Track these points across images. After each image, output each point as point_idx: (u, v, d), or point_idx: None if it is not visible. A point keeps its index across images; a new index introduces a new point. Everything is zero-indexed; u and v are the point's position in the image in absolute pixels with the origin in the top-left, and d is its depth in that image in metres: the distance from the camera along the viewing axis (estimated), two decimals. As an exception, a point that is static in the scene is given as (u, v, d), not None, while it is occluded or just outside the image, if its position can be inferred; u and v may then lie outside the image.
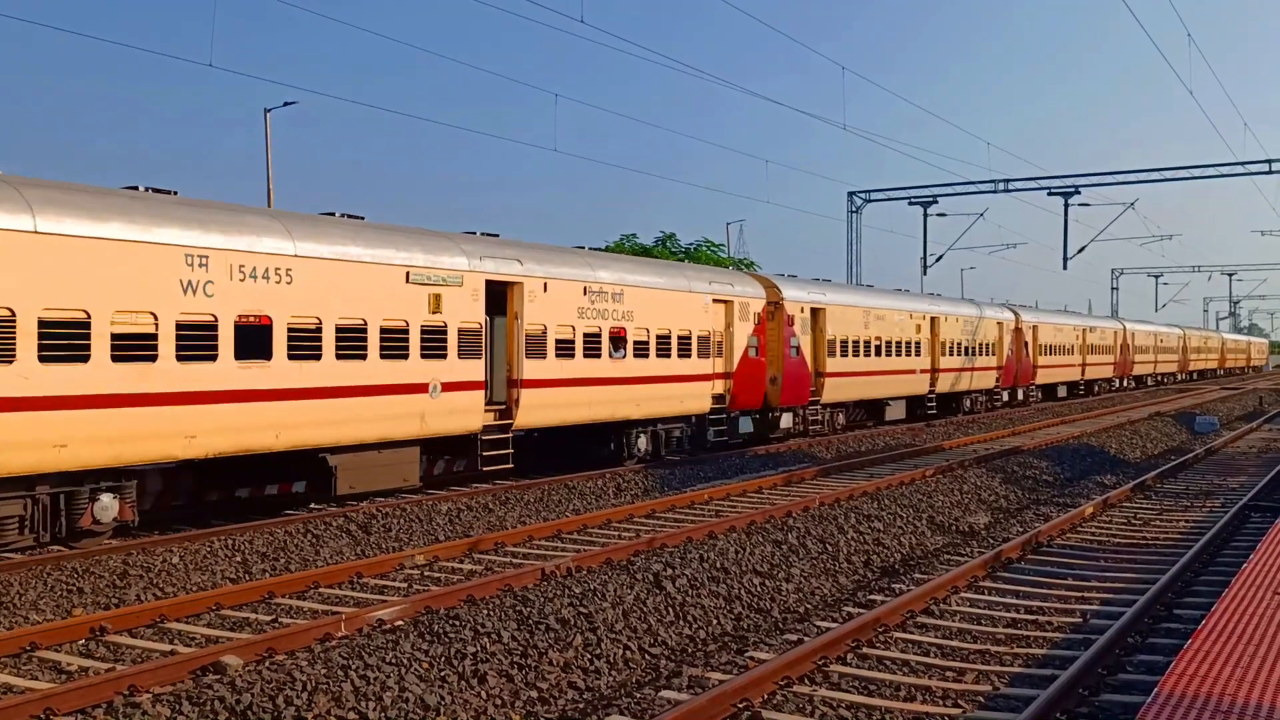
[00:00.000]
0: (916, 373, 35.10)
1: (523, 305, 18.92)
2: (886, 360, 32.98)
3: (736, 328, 25.10)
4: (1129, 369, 64.02)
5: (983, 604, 11.01)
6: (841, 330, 30.14)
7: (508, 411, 19.02)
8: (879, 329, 32.42)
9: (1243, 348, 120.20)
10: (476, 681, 8.14)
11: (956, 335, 38.40)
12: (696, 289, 23.77)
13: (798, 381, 27.62)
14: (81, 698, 7.64)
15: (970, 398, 40.63)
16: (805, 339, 28.18)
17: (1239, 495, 18.33)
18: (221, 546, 13.22)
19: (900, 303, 35.05)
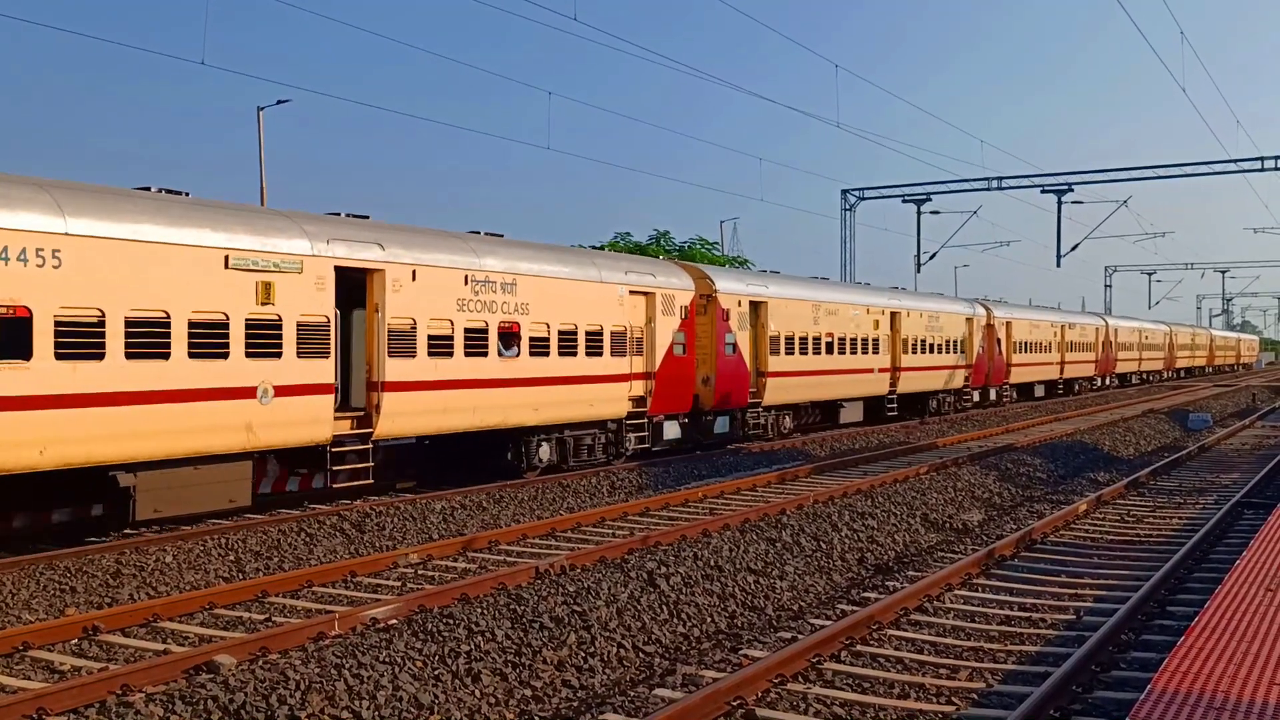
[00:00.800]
0: (875, 372, 32.53)
1: (385, 296, 16.33)
2: (840, 359, 30.38)
3: (659, 323, 22.61)
4: (1111, 367, 61.47)
5: (976, 601, 11.02)
6: (787, 326, 27.58)
7: (367, 419, 16.35)
8: (831, 325, 29.85)
9: (1232, 345, 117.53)
10: (470, 680, 8.14)
11: (920, 332, 35.76)
12: (609, 279, 21.31)
13: (734, 382, 25.33)
14: (74, 697, 7.62)
15: (937, 398, 37.84)
16: (744, 336, 25.78)
17: (1232, 492, 18.37)
18: (215, 545, 13.20)
19: (856, 296, 32.47)
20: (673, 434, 23.47)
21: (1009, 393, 44.91)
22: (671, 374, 22.98)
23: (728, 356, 25.01)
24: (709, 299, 24.68)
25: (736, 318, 25.51)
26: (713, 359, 24.54)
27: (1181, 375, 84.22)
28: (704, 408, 24.59)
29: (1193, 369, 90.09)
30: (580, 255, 22.02)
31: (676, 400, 23.38)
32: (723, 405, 25.03)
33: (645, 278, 22.66)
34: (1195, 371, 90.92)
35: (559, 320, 19.85)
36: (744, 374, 25.84)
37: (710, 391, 24.56)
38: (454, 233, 18.97)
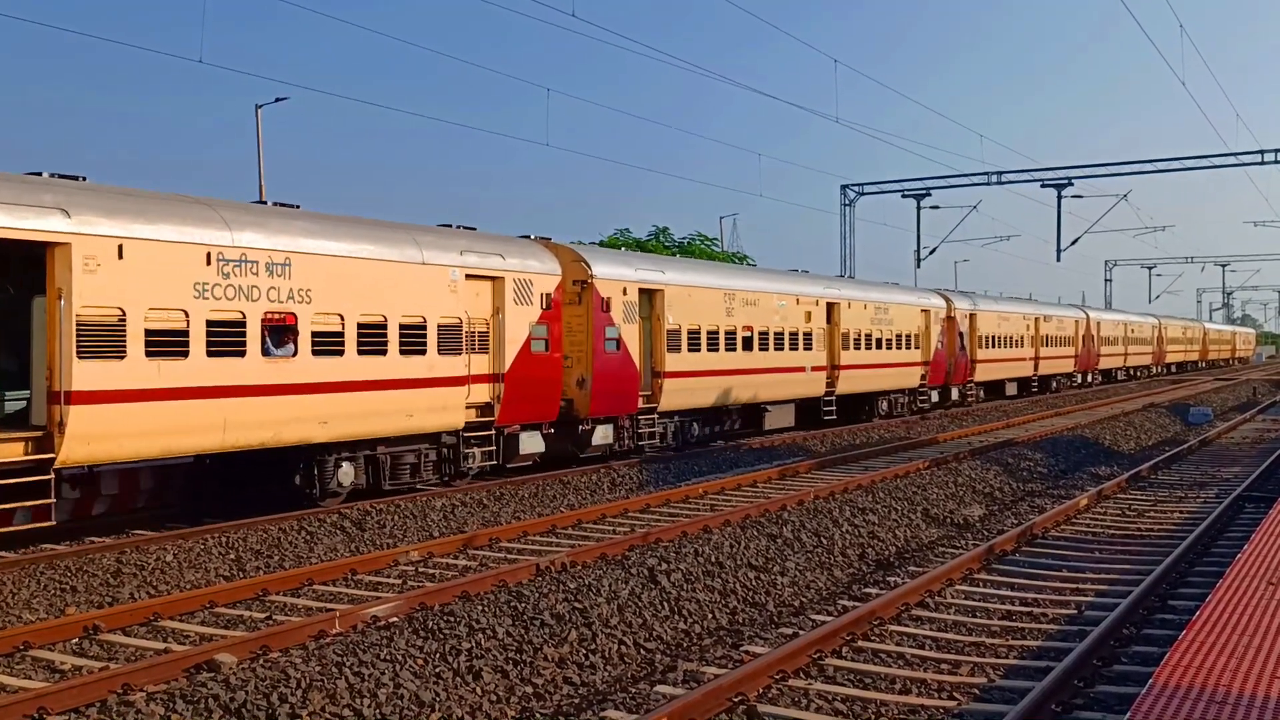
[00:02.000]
0: (807, 371, 28.77)
1: (72, 278, 12.53)
2: (762, 356, 26.53)
3: (510, 314, 18.78)
4: (1094, 363, 57.42)
5: (978, 596, 11.02)
6: (690, 318, 23.75)
7: (48, 440, 12.49)
8: (749, 316, 26.00)
9: (1227, 338, 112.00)
10: (471, 678, 8.13)
11: (865, 325, 32.25)
12: (436, 260, 17.39)
13: (618, 384, 21.52)
14: (75, 697, 7.62)
15: (888, 399, 34.43)
16: (631, 329, 22.01)
17: (1233, 486, 18.37)
18: (215, 544, 13.20)
19: (782, 284, 28.54)
20: (533, 447, 19.57)
21: (974, 391, 41.40)
22: (528, 375, 19.18)
23: (609, 354, 21.32)
24: (583, 285, 20.95)
25: (622, 308, 21.71)
26: (589, 357, 20.85)
27: (1172, 371, 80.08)
28: (578, 415, 20.87)
29: (1185, 364, 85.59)
30: (394, 230, 17.42)
31: (536, 407, 19.54)
32: (604, 412, 21.32)
33: (490, 259, 18.65)
34: (1188, 367, 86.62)
35: (359, 311, 15.98)
36: (631, 374, 21.99)
37: (586, 396, 20.81)
38: (196, 198, 14.91)
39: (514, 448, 19.28)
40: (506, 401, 18.75)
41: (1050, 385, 51.08)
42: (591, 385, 20.82)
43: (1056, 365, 51.12)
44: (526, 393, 19.19)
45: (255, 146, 37.75)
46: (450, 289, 17.71)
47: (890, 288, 36.35)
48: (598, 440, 21.40)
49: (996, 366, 43.41)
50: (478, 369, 18.32)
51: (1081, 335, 54.80)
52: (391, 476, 17.02)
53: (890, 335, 33.84)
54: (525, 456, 19.57)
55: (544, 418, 19.85)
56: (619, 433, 21.98)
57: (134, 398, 13.21)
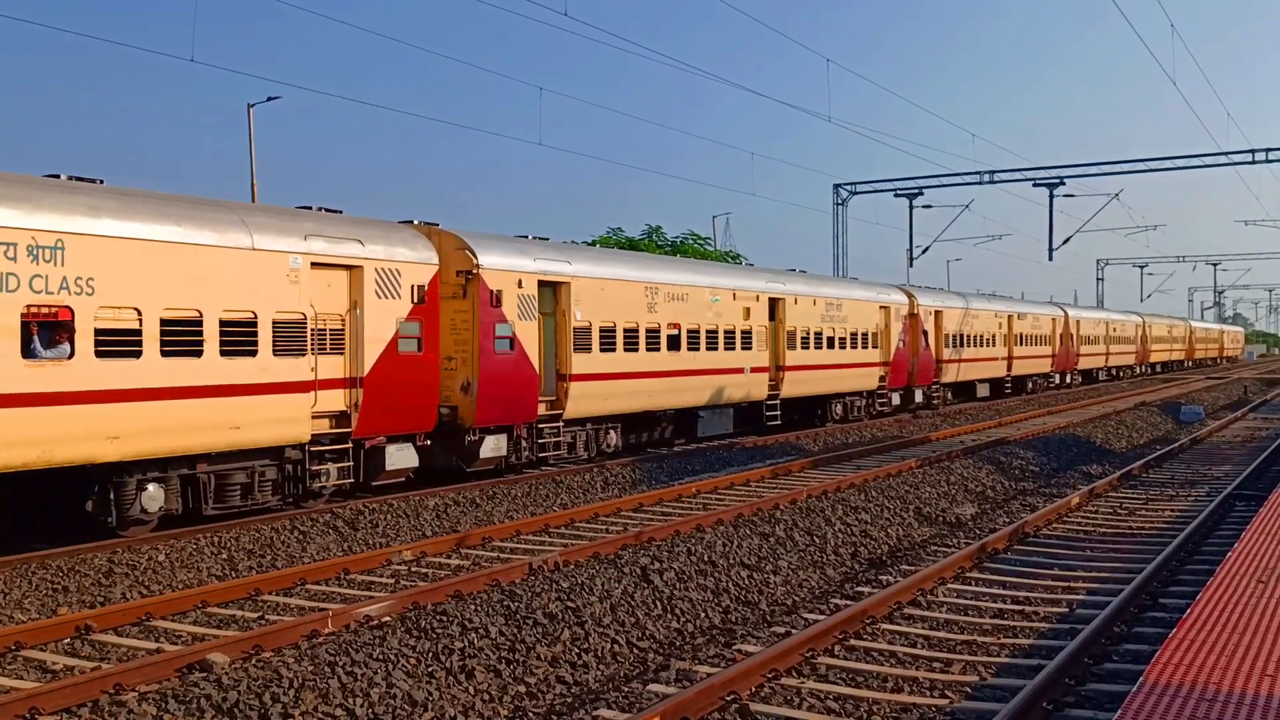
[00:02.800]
0: (746, 372, 26.25)
1: None
2: (692, 356, 24.08)
3: (372, 308, 16.32)
4: (1072, 363, 54.69)
5: (969, 595, 11.04)
6: (603, 314, 21.40)
7: None
8: (675, 313, 23.57)
9: (1214, 337, 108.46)
10: (464, 677, 8.14)
11: (814, 322, 29.76)
12: (270, 245, 14.75)
13: (513, 389, 19.09)
14: (67, 697, 7.61)
15: (842, 402, 31.97)
16: (529, 327, 19.50)
17: (1224, 484, 18.43)
18: (208, 544, 13.18)
19: (716, 278, 26.24)
20: (403, 462, 17.10)
21: (940, 393, 38.83)
22: (395, 380, 16.74)
23: (500, 355, 18.77)
24: (469, 276, 18.33)
25: (516, 303, 19.18)
26: (475, 358, 18.28)
27: (1157, 371, 77.53)
28: (463, 424, 18.34)
29: (1170, 363, 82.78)
30: (215, 210, 14.79)
31: (406, 415, 17.14)
32: (495, 420, 18.82)
33: (344, 245, 16.08)
34: (1173, 366, 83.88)
35: (163, 304, 13.52)
36: (528, 378, 19.47)
37: (472, 402, 18.24)
38: None
39: (379, 463, 16.74)
40: (367, 410, 16.23)
41: (1025, 386, 48.79)
42: (478, 390, 18.26)
43: (1032, 365, 48.79)
44: (393, 400, 16.76)
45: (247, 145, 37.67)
46: (290, 279, 15.12)
47: (845, 282, 33.92)
48: (488, 452, 18.81)
49: (965, 367, 40.80)
50: (328, 372, 15.83)
51: (1059, 334, 52.45)
52: (217, 499, 14.55)
53: (844, 333, 31.37)
54: (394, 473, 17.03)
55: (417, 428, 17.41)
56: (515, 444, 19.43)
57: None
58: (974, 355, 41.51)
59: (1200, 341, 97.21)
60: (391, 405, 16.79)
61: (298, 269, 15.27)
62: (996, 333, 43.99)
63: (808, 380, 29.44)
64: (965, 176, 49.85)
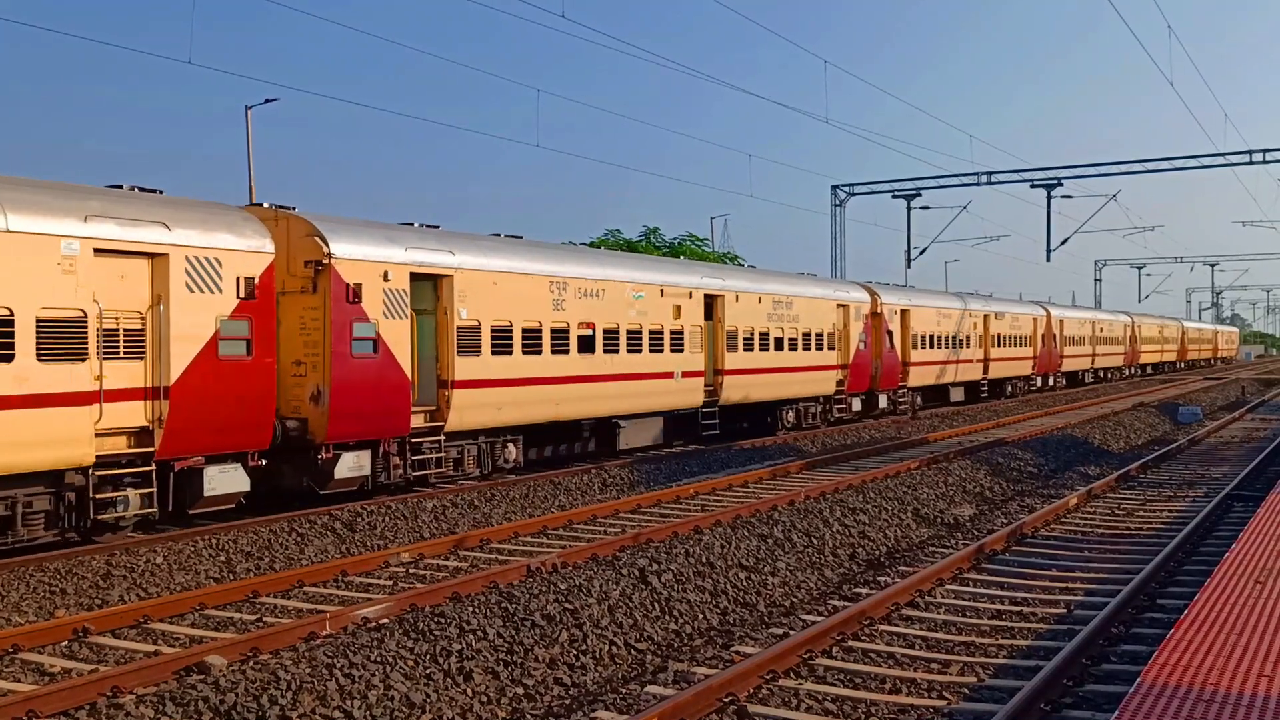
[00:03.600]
0: (677, 377, 23.76)
1: None
2: (609, 359, 21.62)
3: (181, 304, 13.71)
4: (1056, 364, 52.10)
5: (967, 596, 11.05)
6: (496, 311, 18.79)
7: None
8: (588, 310, 21.11)
9: (1208, 338, 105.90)
10: (462, 679, 8.13)
11: (758, 321, 27.19)
12: (31, 227, 12.27)
13: (375, 398, 16.40)
14: (64, 699, 7.60)
15: (795, 408, 29.32)
16: (398, 327, 16.83)
17: (1222, 485, 18.44)
18: (205, 546, 13.17)
19: (638, 271, 23.38)
20: (229, 485, 14.60)
21: (907, 397, 36.28)
22: (214, 388, 14.15)
23: (360, 359, 16.17)
24: (319, 268, 15.68)
25: (382, 298, 16.57)
26: (327, 363, 15.67)
27: (1147, 372, 74.98)
28: (314, 439, 15.67)
29: (1161, 365, 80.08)
30: None
31: (230, 431, 14.48)
32: (353, 435, 16.18)
33: (143, 229, 13.43)
34: (1165, 368, 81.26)
35: None
36: (397, 385, 16.80)
37: (323, 414, 15.60)
38: None
39: (195, 488, 14.21)
40: (176, 425, 13.59)
41: (1004, 390, 46.21)
42: (329, 400, 15.59)
43: (1011, 368, 46.10)
44: (212, 413, 14.12)
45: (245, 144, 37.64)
46: (63, 268, 12.53)
47: (796, 278, 31.02)
48: (345, 472, 16.17)
49: (935, 369, 38.19)
50: (121, 381, 13.20)
51: (1041, 334, 49.85)
52: None
53: (795, 334, 28.75)
54: (217, 499, 14.53)
55: (249, 445, 14.75)
56: (384, 460, 16.82)
57: None
58: (946, 357, 39.07)
59: (1193, 342, 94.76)
60: (211, 419, 14.11)
61: (74, 256, 12.61)
62: (971, 333, 41.41)
63: (751, 385, 26.85)
64: (963, 177, 49.88)
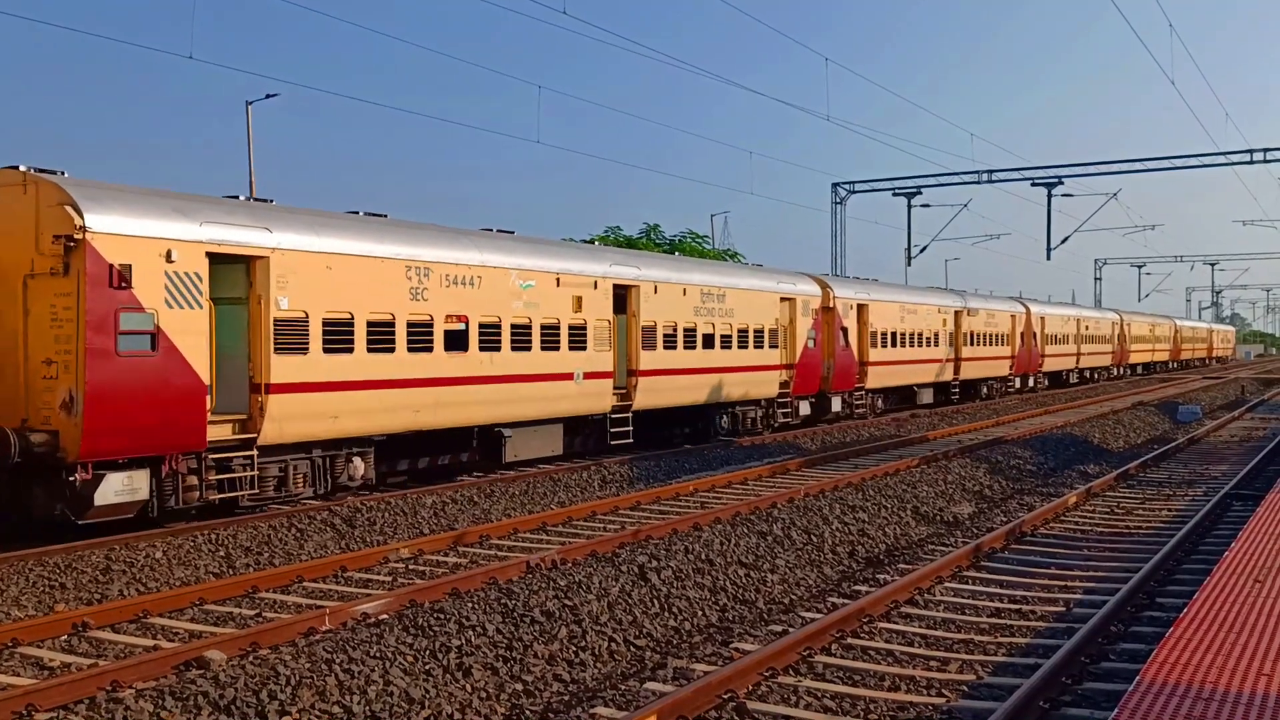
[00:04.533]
0: (578, 379, 20.74)
1: None
2: (487, 358, 18.58)
3: None
4: (1035, 364, 49.24)
5: (967, 594, 11.05)
6: (331, 301, 15.68)
7: None
8: (460, 302, 18.02)
9: (1202, 336, 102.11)
10: (461, 675, 8.13)
11: (683, 316, 24.01)
12: None
13: (158, 405, 13.45)
14: (64, 694, 7.60)
15: (730, 413, 26.56)
16: (188, 319, 13.86)
17: (1221, 484, 18.44)
18: (205, 541, 13.17)
19: (527, 258, 19.90)
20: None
21: (865, 400, 33.43)
22: None
23: (129, 357, 13.14)
24: (70, 245, 12.71)
25: (165, 284, 13.56)
26: (81, 363, 12.69)
27: (1138, 372, 71.91)
28: (64, 457, 12.71)
29: (1153, 365, 77.09)
30: None
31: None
32: (119, 450, 13.12)
33: None
34: (1157, 368, 78.00)
35: None
36: (186, 389, 13.73)
37: (76, 425, 12.63)
38: None
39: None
40: None
41: (979, 391, 43.44)
42: (85, 408, 12.58)
43: (986, 368, 43.25)
44: None
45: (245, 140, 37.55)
46: None
47: (730, 268, 28.47)
48: (112, 497, 13.10)
49: (898, 369, 35.37)
50: None
51: (1020, 332, 47.03)
52: None
53: (728, 329, 25.72)
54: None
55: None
56: (170, 481, 13.81)
57: None
58: (911, 356, 36.18)
59: (1187, 341, 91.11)
60: None
61: None
62: (940, 330, 38.44)
63: (674, 388, 23.72)
64: (964, 176, 49.96)
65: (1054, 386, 53.62)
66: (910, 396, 37.53)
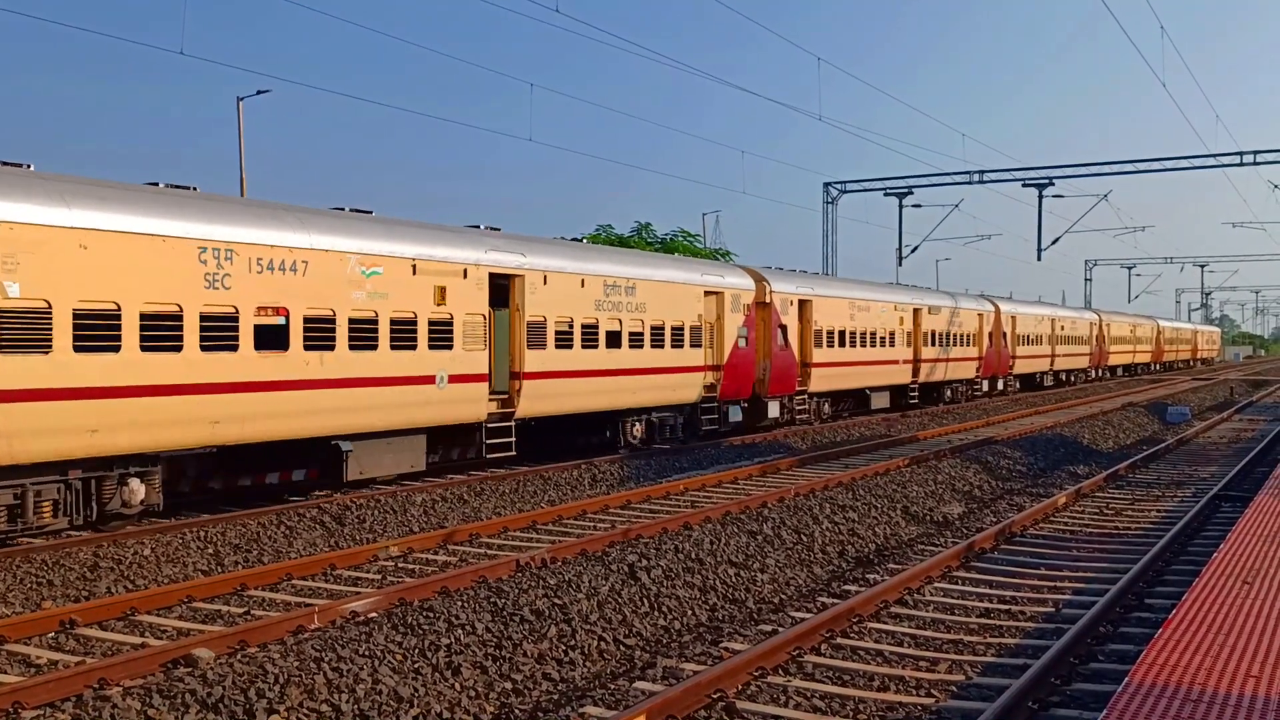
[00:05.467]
0: (441, 382, 17.69)
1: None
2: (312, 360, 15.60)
3: None
4: (1006, 366, 46.70)
5: (956, 594, 11.06)
6: (76, 289, 12.93)
7: None
8: (271, 291, 15.10)
9: (1186, 338, 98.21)
10: (450, 673, 8.12)
11: (581, 310, 20.95)
12: None
13: None
14: (50, 691, 7.57)
15: (643, 419, 23.35)
16: None
17: (1210, 485, 18.50)
18: (193, 538, 13.13)
19: (366, 239, 16.64)
20: None
21: (807, 404, 30.41)
22: None
23: None
24: None
25: None
26: None
27: (1120, 374, 69.88)
28: None
29: (1135, 366, 74.69)
30: None
31: None
32: None
33: None
34: (1139, 370, 75.80)
35: None
36: None
37: None
38: None
39: None
40: None
41: (943, 395, 40.67)
42: None
43: (949, 369, 40.38)
44: None
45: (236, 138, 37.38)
46: None
47: (645, 257, 25.45)
48: None
49: (846, 372, 32.41)
50: None
51: (989, 332, 44.39)
52: None
53: (640, 326, 22.76)
54: None
55: None
56: None
57: None
58: (863, 357, 33.30)
59: (1170, 342, 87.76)
60: None
61: None
62: (897, 329, 35.67)
63: (568, 392, 20.76)
64: (955, 176, 50.04)
65: (1026, 389, 51.30)
66: (864, 401, 34.64)
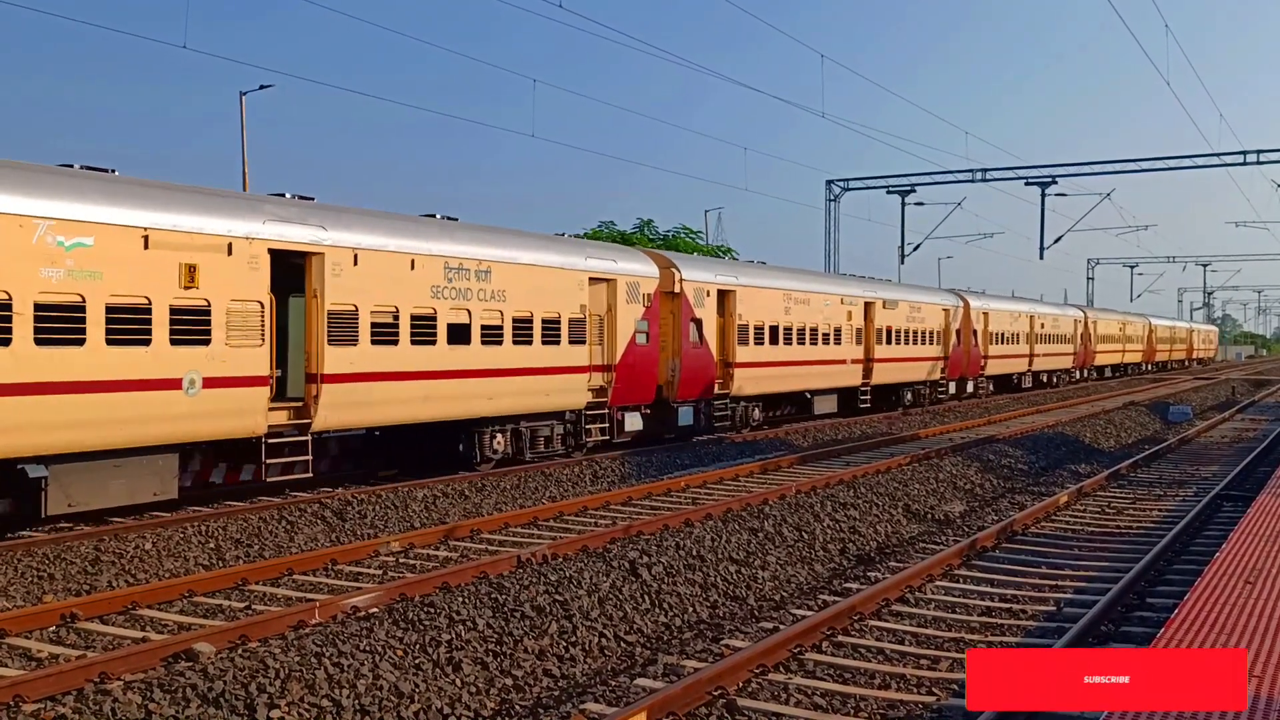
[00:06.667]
0: (189, 387, 13.68)
1: None
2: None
3: None
4: (977, 367, 42.70)
5: (958, 592, 11.05)
6: None
7: None
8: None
9: (1181, 337, 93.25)
10: (451, 669, 8.12)
11: (414, 299, 17.08)
12: None
13: None
14: (51, 685, 7.57)
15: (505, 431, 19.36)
16: None
17: (1212, 484, 18.47)
18: (195, 532, 13.13)
19: (80, 204, 12.60)
20: None
21: (733, 409, 26.38)
22: None
23: None
24: None
25: None
26: None
27: (1106, 375, 65.89)
28: None
29: (1124, 366, 70.49)
30: None
31: None
32: None
33: None
34: (1128, 370, 71.37)
35: None
36: None
37: None
38: None
39: None
40: None
41: (902, 398, 36.58)
42: None
43: (907, 370, 36.27)
44: None
45: (239, 135, 37.30)
46: None
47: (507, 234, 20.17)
48: None
49: (780, 373, 28.18)
50: None
51: (957, 329, 40.28)
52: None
53: (500, 320, 18.80)
54: None
55: None
56: None
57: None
58: (800, 356, 29.02)
59: (1163, 341, 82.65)
60: None
61: None
62: (845, 325, 31.42)
63: (392, 399, 16.83)
64: (958, 174, 50.02)
65: (1002, 392, 47.28)
66: (806, 405, 30.81)
